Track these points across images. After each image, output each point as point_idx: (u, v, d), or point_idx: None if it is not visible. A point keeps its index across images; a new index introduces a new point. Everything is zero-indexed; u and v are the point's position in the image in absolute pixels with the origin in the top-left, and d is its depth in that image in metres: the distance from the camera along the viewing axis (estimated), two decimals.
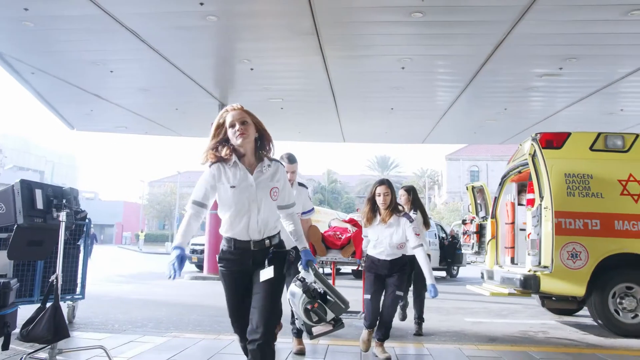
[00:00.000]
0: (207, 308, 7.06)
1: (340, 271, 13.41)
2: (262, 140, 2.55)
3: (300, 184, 4.29)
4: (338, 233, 5.51)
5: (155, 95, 11.73)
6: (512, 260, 6.68)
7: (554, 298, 6.23)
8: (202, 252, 13.24)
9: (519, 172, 6.64)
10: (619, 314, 5.30)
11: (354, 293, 6.92)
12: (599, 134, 5.78)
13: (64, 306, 4.88)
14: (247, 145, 2.48)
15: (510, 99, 11.94)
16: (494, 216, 7.09)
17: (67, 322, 2.98)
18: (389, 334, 4.14)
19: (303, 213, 4.25)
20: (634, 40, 7.91)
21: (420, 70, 9.91)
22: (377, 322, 4.07)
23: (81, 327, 5.09)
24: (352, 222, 5.64)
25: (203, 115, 12.63)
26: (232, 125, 2.45)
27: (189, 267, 14.24)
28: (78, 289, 5.21)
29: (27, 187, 3.01)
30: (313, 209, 4.47)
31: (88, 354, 3.61)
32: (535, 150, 5.64)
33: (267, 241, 2.50)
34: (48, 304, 2.93)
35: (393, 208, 4.08)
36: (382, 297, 4.12)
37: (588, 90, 10.79)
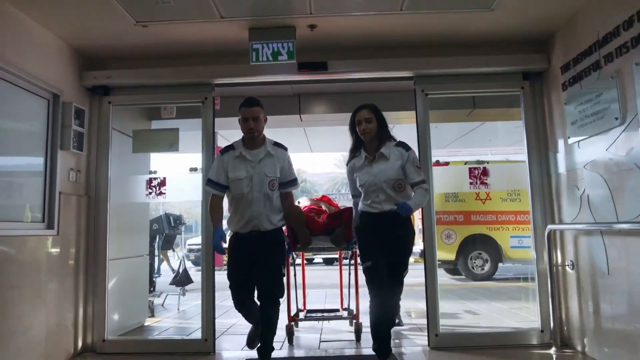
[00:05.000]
0: None
1: (313, 261, 14.46)
2: None
3: (277, 144, 3.42)
4: (313, 213, 4.32)
5: None
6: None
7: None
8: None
9: None
10: (474, 268, 9.12)
11: (325, 274, 10.25)
12: (466, 163, 9.58)
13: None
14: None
15: None
16: None
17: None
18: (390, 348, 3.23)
19: (281, 184, 3.34)
20: None
21: None
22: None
23: None
24: (324, 199, 4.85)
25: None
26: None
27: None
28: None
29: (167, 215, 6.48)
30: (296, 179, 3.43)
31: None
32: None
33: None
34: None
35: (383, 137, 3.29)
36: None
37: None
